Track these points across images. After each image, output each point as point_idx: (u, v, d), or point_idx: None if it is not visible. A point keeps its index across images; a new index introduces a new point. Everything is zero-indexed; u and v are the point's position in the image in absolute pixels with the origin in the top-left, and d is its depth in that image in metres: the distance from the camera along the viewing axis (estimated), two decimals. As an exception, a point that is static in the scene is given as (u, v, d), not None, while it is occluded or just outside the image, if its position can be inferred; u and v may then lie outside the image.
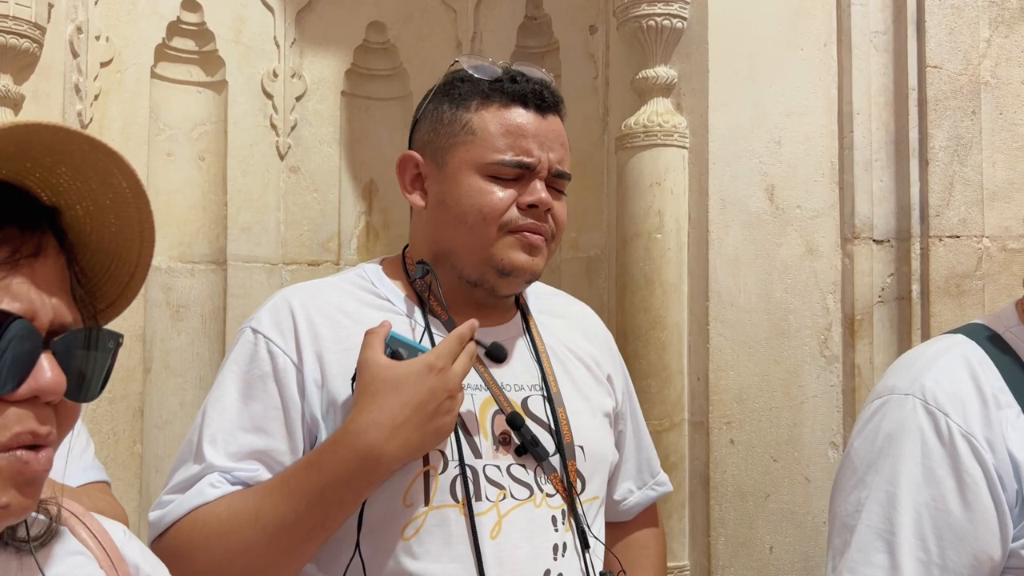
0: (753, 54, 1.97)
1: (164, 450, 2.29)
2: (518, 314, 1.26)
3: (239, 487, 1.08)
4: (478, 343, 1.12)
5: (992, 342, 1.09)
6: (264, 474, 1.09)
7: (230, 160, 2.41)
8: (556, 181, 1.19)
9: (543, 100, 1.18)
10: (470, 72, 1.19)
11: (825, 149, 1.98)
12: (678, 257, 1.99)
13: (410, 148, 1.23)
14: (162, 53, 2.34)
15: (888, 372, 1.15)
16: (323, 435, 1.10)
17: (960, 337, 1.12)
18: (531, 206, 1.15)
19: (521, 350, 1.22)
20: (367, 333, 1.08)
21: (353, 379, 1.08)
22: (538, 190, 1.15)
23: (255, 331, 1.14)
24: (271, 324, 1.14)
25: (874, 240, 1.95)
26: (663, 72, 2.01)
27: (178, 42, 2.37)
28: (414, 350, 1.07)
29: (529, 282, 1.21)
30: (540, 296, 1.33)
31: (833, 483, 1.13)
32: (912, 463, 1.02)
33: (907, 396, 1.05)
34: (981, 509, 0.99)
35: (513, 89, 1.17)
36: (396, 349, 1.06)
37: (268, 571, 1.05)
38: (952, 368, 1.06)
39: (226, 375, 1.13)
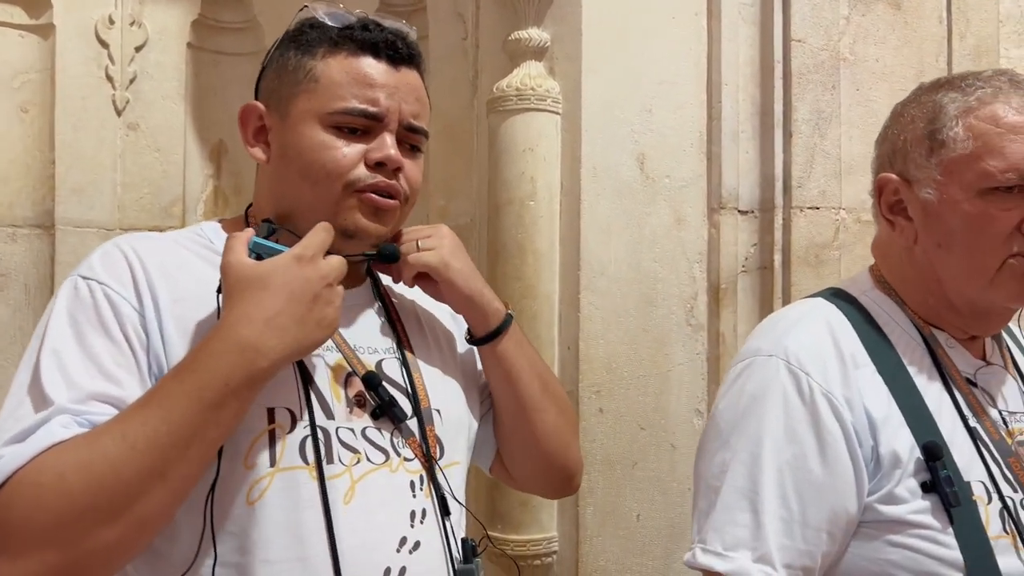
0: (626, 20, 1.95)
1: (-18, 435, 2.05)
2: (369, 279, 1.20)
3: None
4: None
5: (849, 304, 1.15)
6: None
7: (58, 113, 2.21)
8: (409, 136, 1.11)
9: (396, 51, 1.11)
10: (322, 18, 1.12)
11: (694, 119, 1.99)
12: (550, 225, 1.96)
13: (256, 99, 1.15)
14: (-24, -11, 2.08)
15: (752, 335, 1.18)
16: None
17: (820, 300, 1.17)
18: (379, 164, 1.08)
19: (373, 314, 1.17)
20: (228, 238, 1.01)
21: (219, 291, 1.00)
22: (387, 145, 1.07)
23: (86, 279, 1.02)
24: (105, 270, 1.03)
25: (739, 211, 1.99)
26: (536, 34, 1.96)
27: (-5, -22, 2.12)
28: (280, 252, 1.01)
29: (376, 246, 1.15)
30: None
31: (698, 445, 1.14)
32: (775, 423, 1.05)
33: (770, 357, 1.08)
34: (839, 465, 1.03)
35: (364, 37, 1.10)
36: (260, 253, 1.00)
37: (138, 501, 0.90)
38: (813, 330, 1.11)
39: (56, 326, 0.99)
